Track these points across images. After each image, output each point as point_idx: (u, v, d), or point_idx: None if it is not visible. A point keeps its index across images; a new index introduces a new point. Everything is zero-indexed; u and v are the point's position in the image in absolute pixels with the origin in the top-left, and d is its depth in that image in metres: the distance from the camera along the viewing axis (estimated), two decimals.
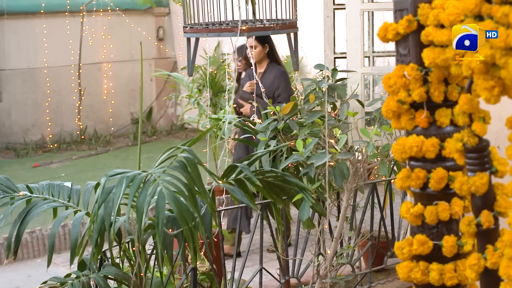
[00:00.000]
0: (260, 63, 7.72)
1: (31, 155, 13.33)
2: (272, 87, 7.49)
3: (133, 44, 14.65)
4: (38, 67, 13.91)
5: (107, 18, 14.32)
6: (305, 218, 4.16)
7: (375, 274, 5.89)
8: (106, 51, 14.39)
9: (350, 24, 5.17)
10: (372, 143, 4.37)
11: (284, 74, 7.70)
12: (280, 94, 7.51)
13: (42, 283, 3.87)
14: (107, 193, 3.35)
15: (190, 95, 9.99)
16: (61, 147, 13.77)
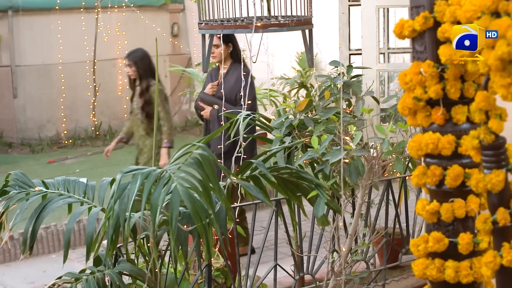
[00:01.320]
0: (224, 63, 7.41)
1: (46, 151, 13.38)
2: (234, 88, 7.15)
3: (148, 40, 14.64)
4: (53, 63, 13.95)
5: (122, 15, 14.34)
6: (320, 214, 4.15)
7: (390, 271, 5.87)
8: (120, 47, 14.41)
9: (366, 20, 5.16)
10: (387, 140, 4.36)
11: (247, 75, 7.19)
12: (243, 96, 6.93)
13: (57, 278, 3.88)
14: (122, 189, 3.36)
15: None
16: (76, 143, 13.82)
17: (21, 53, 13.83)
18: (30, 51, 13.83)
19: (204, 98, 7.39)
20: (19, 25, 13.77)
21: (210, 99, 7.35)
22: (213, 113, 7.27)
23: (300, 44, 12.33)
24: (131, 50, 8.45)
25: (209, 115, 7.29)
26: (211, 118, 7.28)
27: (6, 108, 13.69)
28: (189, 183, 3.34)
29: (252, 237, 4.92)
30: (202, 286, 4.82)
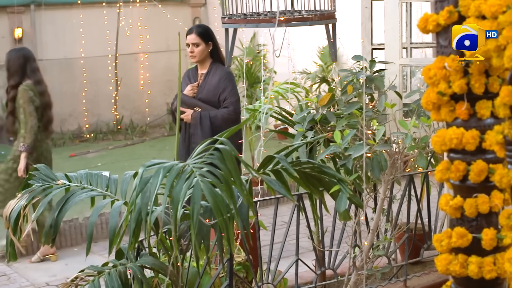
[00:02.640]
0: (203, 63, 6.97)
1: (68, 145, 13.44)
2: (217, 90, 6.83)
3: (170, 34, 14.68)
4: (75, 58, 14.01)
5: (143, 9, 14.38)
6: (342, 209, 4.15)
7: (411, 267, 5.86)
8: (142, 42, 14.45)
9: (389, 15, 5.14)
10: (410, 135, 4.34)
11: (230, 75, 7.00)
12: (227, 97, 6.81)
13: (79, 271, 3.89)
14: (144, 183, 3.36)
15: None
16: (98, 137, 13.87)
17: (44, 47, 13.89)
18: (53, 45, 13.90)
19: (185, 100, 6.92)
20: (41, 20, 13.84)
21: (191, 101, 6.91)
22: (195, 116, 6.82)
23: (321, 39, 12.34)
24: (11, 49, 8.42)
25: (190, 118, 6.83)
26: (193, 122, 6.83)
27: None
28: (211, 177, 3.34)
29: (273, 232, 4.92)
30: (223, 280, 4.83)
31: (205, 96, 6.85)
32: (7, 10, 13.53)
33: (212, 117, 6.73)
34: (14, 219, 3.81)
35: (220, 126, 6.57)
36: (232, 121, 6.72)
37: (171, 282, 3.83)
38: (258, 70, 13.56)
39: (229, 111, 6.75)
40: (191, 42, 6.88)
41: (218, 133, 6.36)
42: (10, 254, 3.96)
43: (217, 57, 6.97)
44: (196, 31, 6.92)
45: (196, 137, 6.75)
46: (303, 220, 4.97)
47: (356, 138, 4.53)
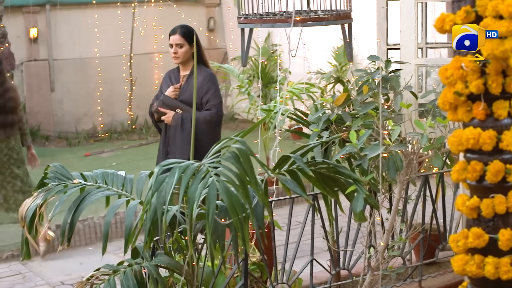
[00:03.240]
0: (186, 64, 6.91)
1: (82, 144, 13.48)
2: (200, 91, 6.72)
3: None
4: (90, 57, 14.05)
5: (158, 9, 14.40)
6: (358, 210, 4.14)
7: (426, 267, 5.85)
8: (157, 42, 14.47)
9: (404, 15, 5.13)
10: (426, 135, 4.33)
11: (213, 77, 6.93)
12: (209, 100, 6.77)
13: (95, 270, 3.90)
14: (160, 182, 3.37)
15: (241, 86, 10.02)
16: (112, 137, 13.90)
17: (59, 47, 13.94)
18: (68, 45, 13.94)
19: (166, 101, 6.83)
20: (56, 19, 13.89)
21: (173, 103, 6.83)
22: (177, 117, 6.76)
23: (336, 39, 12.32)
24: None
25: (171, 119, 6.77)
26: (174, 123, 6.77)
27: (43, 102, 13.81)
28: (227, 177, 3.35)
29: (288, 232, 4.91)
30: (238, 280, 4.83)
31: (187, 98, 6.79)
32: (22, 10, 13.59)
33: None
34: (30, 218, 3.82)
35: (202, 128, 6.56)
36: (215, 123, 6.76)
37: (186, 282, 3.84)
38: (273, 70, 13.57)
39: (212, 113, 6.72)
40: (174, 42, 6.82)
41: (200, 136, 6.39)
42: (24, 253, 3.98)
43: (200, 59, 6.85)
44: (180, 31, 6.85)
45: (176, 140, 6.74)
46: (318, 220, 4.97)
47: (372, 138, 4.52)
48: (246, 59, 4.99)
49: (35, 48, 13.80)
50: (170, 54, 6.90)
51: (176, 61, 6.88)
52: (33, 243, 3.95)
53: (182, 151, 6.61)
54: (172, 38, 6.83)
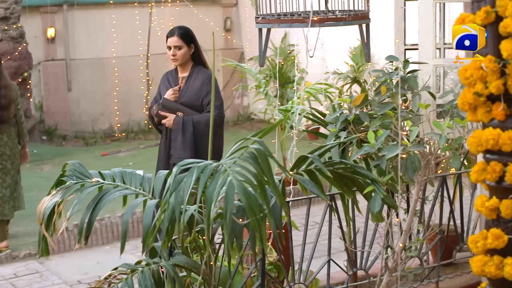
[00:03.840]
0: (184, 66, 6.73)
1: (99, 144, 13.52)
2: (199, 93, 6.61)
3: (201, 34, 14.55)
4: (107, 57, 14.10)
5: (175, 9, 14.42)
6: (376, 210, 4.13)
7: (443, 268, 5.83)
8: None
9: (423, 15, 5.11)
10: (444, 136, 4.32)
11: None
12: (210, 101, 6.16)
13: (112, 269, 3.91)
14: (178, 182, 3.38)
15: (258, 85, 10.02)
16: (129, 136, 13.94)
17: (76, 47, 14.00)
18: (85, 45, 14.00)
19: (166, 104, 6.64)
20: (74, 19, 13.94)
21: (174, 106, 6.63)
22: (178, 121, 6.58)
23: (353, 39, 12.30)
24: None
25: (172, 123, 6.59)
26: (175, 127, 6.59)
27: (60, 101, 13.87)
28: (244, 177, 3.35)
29: (305, 232, 4.91)
30: (255, 280, 4.83)
31: (187, 100, 6.63)
32: (40, 10, 13.66)
33: (195, 122, 6.54)
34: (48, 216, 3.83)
35: (204, 131, 6.48)
36: (216, 125, 6.56)
37: (204, 281, 3.84)
38: (289, 70, 13.56)
39: (214, 115, 6.28)
40: (172, 44, 6.64)
41: (201, 138, 6.40)
42: (42, 250, 3.99)
43: (199, 60, 6.75)
44: (178, 33, 6.68)
45: (177, 143, 6.58)
46: (335, 221, 4.97)
47: (389, 139, 4.51)
48: (263, 59, 4.99)
49: (52, 48, 13.86)
50: (168, 57, 6.78)
51: (174, 63, 6.72)
52: (50, 241, 3.97)
53: (183, 154, 6.44)
54: (170, 40, 6.67)
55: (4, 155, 8.05)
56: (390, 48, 6.07)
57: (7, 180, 8.10)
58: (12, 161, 8.13)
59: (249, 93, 14.56)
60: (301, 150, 5.34)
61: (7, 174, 8.10)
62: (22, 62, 12.67)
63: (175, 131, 6.59)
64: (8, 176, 8.11)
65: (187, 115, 6.58)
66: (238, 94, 15.31)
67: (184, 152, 6.48)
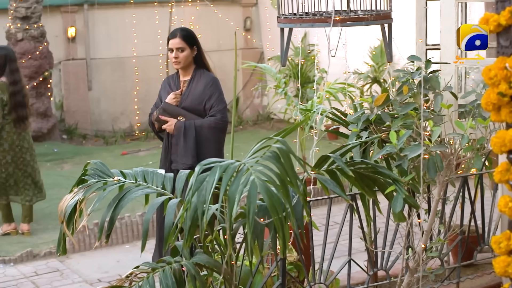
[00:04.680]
0: (186, 69, 6.52)
1: (119, 143, 13.57)
2: (203, 97, 6.41)
3: (221, 34, 14.73)
4: (127, 57, 14.14)
5: (195, 8, 14.45)
6: (398, 210, 4.13)
7: (463, 269, 5.81)
8: None
9: (445, 15, 5.09)
10: (466, 136, 4.30)
11: (216, 82, 6.50)
12: (213, 105, 6.39)
13: (134, 267, 3.92)
14: (200, 181, 3.38)
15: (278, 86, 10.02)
16: (149, 136, 13.96)
17: (96, 46, 14.06)
18: (105, 44, 14.06)
19: (168, 108, 6.44)
20: (94, 19, 14.00)
21: (175, 110, 6.43)
22: (179, 125, 6.38)
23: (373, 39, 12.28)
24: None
25: (173, 128, 6.41)
26: (176, 132, 6.40)
27: (81, 101, 13.93)
28: (267, 176, 3.35)
29: (326, 232, 4.91)
30: (275, 279, 4.83)
31: (189, 104, 6.45)
32: (61, 9, 13.72)
33: (197, 126, 6.36)
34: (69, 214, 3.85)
35: (206, 136, 6.34)
36: (220, 130, 6.41)
37: (225, 281, 3.85)
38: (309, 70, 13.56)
39: (217, 119, 6.38)
40: (175, 46, 6.44)
41: (204, 143, 6.30)
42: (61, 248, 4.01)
43: (201, 62, 6.55)
44: (180, 34, 6.47)
45: (178, 148, 6.41)
46: (355, 221, 4.96)
47: (411, 139, 4.50)
48: (285, 59, 4.98)
49: (73, 47, 13.92)
50: (170, 59, 6.55)
51: (177, 66, 6.51)
52: (71, 239, 3.99)
53: (186, 160, 6.33)
54: (172, 42, 6.44)
55: (23, 149, 8.46)
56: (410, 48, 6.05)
57: (28, 170, 8.49)
58: (30, 153, 8.53)
59: (269, 93, 14.56)
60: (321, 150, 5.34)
61: (27, 165, 8.49)
62: (43, 62, 12.74)
63: (177, 136, 6.41)
64: (29, 166, 8.51)
65: (188, 120, 6.40)
66: (257, 93, 15.32)
67: (186, 158, 6.32)
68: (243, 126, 14.77)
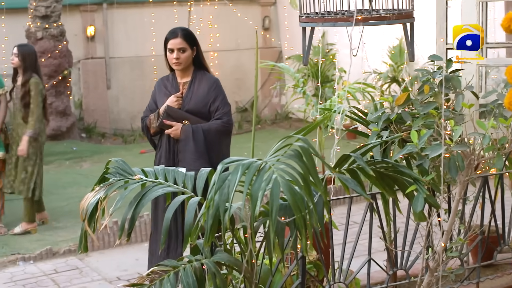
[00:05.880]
0: (185, 70, 6.20)
1: (138, 142, 13.61)
2: (207, 99, 6.11)
3: (239, 33, 14.76)
4: (146, 55, 14.19)
5: (214, 8, 14.48)
6: (418, 209, 4.12)
7: (483, 269, 5.79)
8: (212, 40, 14.55)
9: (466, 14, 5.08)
10: (488, 136, 4.29)
11: (219, 83, 6.23)
12: (219, 108, 6.11)
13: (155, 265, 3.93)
14: (222, 180, 3.39)
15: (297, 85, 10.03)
16: None
17: (115, 45, 14.12)
18: (124, 43, 14.12)
19: (172, 112, 6.07)
20: (113, 18, 14.07)
21: (179, 114, 6.09)
22: (186, 129, 6.03)
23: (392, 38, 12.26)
24: (23, 44, 9.26)
25: (180, 132, 6.04)
26: (183, 136, 6.04)
27: (100, 99, 13.98)
28: (289, 174, 3.35)
29: (346, 231, 4.91)
30: (294, 278, 4.83)
31: (193, 107, 6.12)
32: (80, 8, 13.80)
33: (205, 130, 6.05)
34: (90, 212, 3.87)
35: (214, 139, 6.07)
36: (227, 132, 6.18)
37: (245, 279, 3.85)
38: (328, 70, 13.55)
39: (223, 122, 6.12)
40: (176, 47, 6.12)
41: (212, 148, 6.10)
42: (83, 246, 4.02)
43: (200, 64, 6.25)
44: (181, 34, 6.17)
45: (187, 154, 6.04)
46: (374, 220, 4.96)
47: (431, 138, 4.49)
48: (307, 58, 4.97)
49: (92, 46, 13.99)
50: (169, 60, 6.19)
51: (178, 67, 6.16)
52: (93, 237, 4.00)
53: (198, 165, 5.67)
54: (173, 42, 6.12)
55: (43, 144, 8.81)
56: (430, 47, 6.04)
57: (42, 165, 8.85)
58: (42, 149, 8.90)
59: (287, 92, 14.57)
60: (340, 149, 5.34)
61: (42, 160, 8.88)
62: (62, 60, 12.80)
63: (184, 141, 6.06)
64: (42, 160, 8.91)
65: (193, 123, 6.10)
66: (276, 93, 15.33)
67: (199, 163, 5.80)
68: (261, 125, 14.78)
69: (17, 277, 7.37)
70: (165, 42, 6.22)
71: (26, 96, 8.54)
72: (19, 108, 8.64)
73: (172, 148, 6.14)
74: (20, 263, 7.70)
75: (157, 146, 6.31)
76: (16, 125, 8.71)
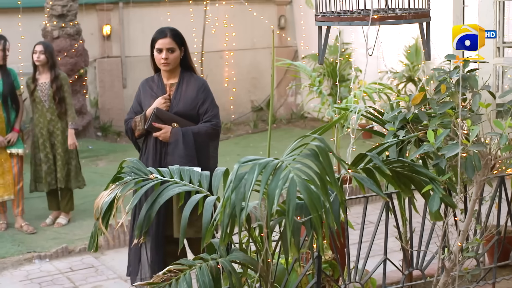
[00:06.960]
0: (172, 71, 6.08)
1: None
2: (196, 101, 6.00)
3: (255, 32, 14.75)
4: None
5: (230, 7, 14.48)
6: (435, 209, 4.11)
7: (499, 270, 5.78)
8: (228, 39, 14.55)
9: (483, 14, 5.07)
10: (505, 135, 4.27)
11: (207, 85, 6.13)
12: (208, 110, 6.02)
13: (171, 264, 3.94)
14: (239, 179, 3.39)
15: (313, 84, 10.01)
16: None
17: (131, 44, 14.14)
18: (140, 42, 14.12)
19: (160, 115, 5.92)
20: (129, 17, 14.08)
21: (168, 116, 5.95)
22: (176, 132, 5.91)
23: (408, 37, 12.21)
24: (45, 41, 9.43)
25: (169, 135, 5.92)
26: (173, 139, 5.92)
27: (115, 98, 14.01)
28: (305, 174, 3.35)
29: (362, 230, 4.90)
30: (310, 278, 4.83)
31: (182, 109, 6.01)
32: (96, 7, 13.82)
33: (195, 133, 5.95)
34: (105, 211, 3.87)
35: (203, 142, 5.98)
36: (216, 135, 6.10)
37: (261, 278, 3.85)
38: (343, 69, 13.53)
39: (213, 125, 6.03)
40: (165, 47, 5.99)
41: (201, 151, 6.02)
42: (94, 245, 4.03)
43: (187, 65, 6.14)
44: (170, 34, 6.03)
45: (175, 158, 5.90)
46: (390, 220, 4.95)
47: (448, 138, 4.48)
48: (323, 57, 4.97)
49: (108, 45, 14.02)
50: (157, 60, 6.05)
51: (166, 67, 6.03)
52: (107, 235, 4.01)
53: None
54: (162, 41, 5.99)
55: None
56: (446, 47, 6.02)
57: None
58: None
59: (303, 91, 14.56)
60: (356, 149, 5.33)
61: None
62: (79, 59, 12.83)
63: (174, 144, 5.94)
64: None
65: (182, 126, 5.99)
66: (291, 92, 15.32)
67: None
68: (277, 124, 14.78)
69: (33, 275, 7.40)
70: (152, 42, 6.12)
71: (59, 91, 8.66)
72: (50, 105, 8.66)
73: (159, 150, 6.02)
74: (36, 261, 7.72)
75: (142, 149, 6.18)
76: (46, 122, 8.70)
